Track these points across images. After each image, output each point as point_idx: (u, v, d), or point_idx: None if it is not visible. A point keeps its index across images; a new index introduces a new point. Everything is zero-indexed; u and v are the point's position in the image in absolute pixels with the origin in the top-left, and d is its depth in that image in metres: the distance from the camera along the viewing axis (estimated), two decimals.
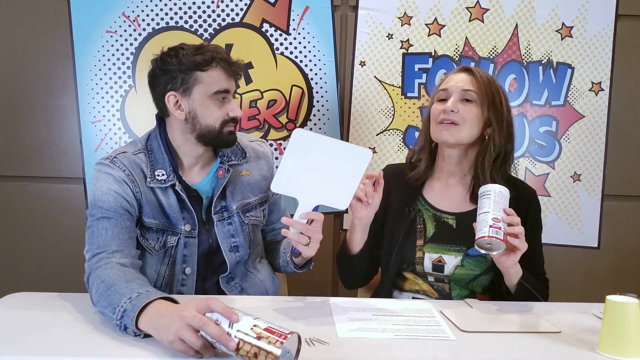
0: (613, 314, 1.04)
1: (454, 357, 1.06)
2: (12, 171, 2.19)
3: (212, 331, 0.94)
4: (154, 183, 1.42)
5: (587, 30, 2.17)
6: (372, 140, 2.19)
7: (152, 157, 1.45)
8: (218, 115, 1.42)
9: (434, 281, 1.53)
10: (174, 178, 1.43)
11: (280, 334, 0.91)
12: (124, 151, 1.45)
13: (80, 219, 2.12)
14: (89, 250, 1.32)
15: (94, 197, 1.38)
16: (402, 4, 2.15)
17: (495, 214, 1.29)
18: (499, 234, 1.27)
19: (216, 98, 1.41)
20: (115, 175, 1.39)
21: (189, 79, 1.41)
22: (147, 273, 1.45)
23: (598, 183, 2.21)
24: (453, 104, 1.48)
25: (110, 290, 1.15)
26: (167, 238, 1.44)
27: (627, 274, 2.27)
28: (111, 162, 1.41)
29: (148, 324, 1.04)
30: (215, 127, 1.42)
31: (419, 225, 1.54)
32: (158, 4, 2.09)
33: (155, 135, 1.48)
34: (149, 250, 1.44)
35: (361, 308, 1.31)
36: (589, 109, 2.20)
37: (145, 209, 1.41)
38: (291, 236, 1.30)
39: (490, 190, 1.32)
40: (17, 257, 2.21)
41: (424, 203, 1.57)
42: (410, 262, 1.52)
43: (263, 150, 1.61)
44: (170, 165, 1.44)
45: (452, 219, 1.54)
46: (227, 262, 1.49)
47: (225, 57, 1.42)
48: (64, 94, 2.15)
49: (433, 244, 1.52)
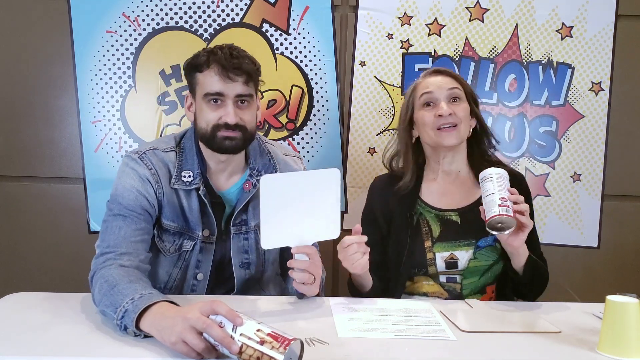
0: (613, 314, 1.04)
1: (454, 357, 1.06)
2: (12, 171, 2.19)
3: (216, 334, 0.94)
4: (178, 184, 1.40)
5: (587, 30, 2.17)
6: (372, 140, 2.19)
7: (182, 156, 1.43)
8: (209, 118, 1.38)
9: (446, 281, 1.53)
10: (199, 182, 1.41)
11: (283, 339, 0.91)
12: (155, 147, 1.43)
13: (80, 219, 2.12)
14: (99, 246, 1.32)
15: (116, 191, 1.37)
16: (402, 4, 2.15)
17: (501, 193, 1.32)
18: (508, 212, 1.30)
19: (209, 101, 1.38)
20: (141, 172, 1.38)
21: (193, 81, 1.42)
22: (158, 274, 1.45)
23: (598, 183, 2.21)
24: (447, 107, 1.51)
25: (113, 290, 1.14)
26: (183, 242, 1.43)
27: (627, 274, 2.27)
28: (140, 157, 1.40)
29: (151, 325, 1.04)
30: (207, 131, 1.39)
31: (424, 228, 1.55)
32: (158, 4, 2.09)
33: (190, 135, 1.47)
34: (164, 252, 1.43)
35: (361, 308, 1.31)
36: (589, 109, 2.20)
37: (165, 211, 1.40)
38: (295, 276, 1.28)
39: (492, 174, 1.35)
40: (17, 257, 2.21)
41: (424, 205, 1.57)
42: (422, 266, 1.52)
43: (297, 169, 1.56)
44: (198, 167, 1.42)
45: (455, 215, 1.55)
46: (234, 278, 1.47)
47: (219, 58, 1.37)
48: (64, 94, 2.15)
49: (442, 242, 1.53)
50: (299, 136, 2.16)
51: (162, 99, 2.10)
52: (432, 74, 1.59)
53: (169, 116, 2.10)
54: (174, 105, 2.10)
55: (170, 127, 2.09)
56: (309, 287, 1.31)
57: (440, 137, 1.52)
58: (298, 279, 1.29)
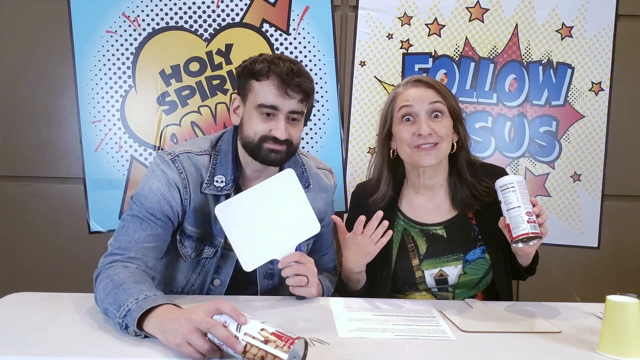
0: (613, 314, 1.04)
1: (454, 357, 1.06)
2: (12, 171, 2.19)
3: (220, 334, 0.94)
4: (209, 189, 1.38)
5: (587, 30, 2.17)
6: (372, 140, 2.18)
7: (217, 159, 1.41)
8: (259, 129, 1.36)
9: (438, 291, 1.51)
10: (231, 188, 1.39)
11: (287, 338, 0.91)
12: (189, 150, 1.40)
13: (80, 219, 2.12)
14: (111, 245, 1.31)
15: (142, 191, 1.35)
16: (402, 4, 2.15)
17: (526, 207, 1.27)
18: (536, 228, 1.27)
19: (261, 112, 1.36)
20: (170, 176, 1.35)
21: (247, 86, 1.39)
22: (177, 278, 1.45)
23: (598, 183, 2.21)
24: (426, 125, 1.41)
25: (118, 289, 1.14)
26: (204, 248, 1.42)
27: (627, 274, 2.27)
28: (172, 160, 1.37)
29: (155, 327, 1.04)
30: (254, 141, 1.37)
31: (409, 245, 1.50)
32: (158, 4, 2.08)
33: (228, 138, 1.45)
34: (185, 258, 1.42)
35: (361, 308, 1.31)
36: (589, 109, 2.20)
37: (190, 217, 1.38)
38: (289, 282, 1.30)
39: (513, 182, 1.29)
40: (17, 257, 2.21)
41: (408, 221, 1.52)
42: (411, 284, 1.49)
43: (328, 184, 1.56)
44: (232, 173, 1.40)
45: (440, 229, 1.51)
46: (258, 286, 1.46)
47: (281, 72, 1.34)
48: (64, 94, 2.15)
49: (429, 259, 1.48)
50: None
51: (162, 99, 2.10)
52: (412, 84, 1.49)
53: (169, 116, 2.10)
54: (174, 105, 2.10)
55: (170, 127, 2.09)
56: (306, 289, 1.32)
57: (418, 157, 1.43)
58: (293, 284, 1.31)
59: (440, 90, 1.47)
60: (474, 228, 1.50)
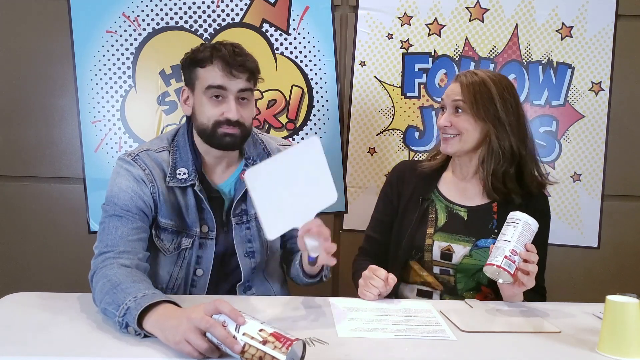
0: (613, 314, 1.04)
1: (454, 357, 1.06)
2: (12, 171, 2.19)
3: (218, 333, 0.94)
4: (173, 182, 1.41)
5: (587, 30, 2.17)
6: (372, 140, 2.19)
7: (176, 154, 1.44)
8: (211, 114, 1.38)
9: (439, 273, 1.55)
10: (194, 178, 1.41)
11: (286, 339, 0.92)
12: (147, 148, 1.44)
13: (80, 219, 2.12)
14: (97, 247, 1.32)
15: (111, 193, 1.38)
16: (402, 4, 2.15)
17: (515, 246, 1.28)
18: (510, 267, 1.27)
19: (210, 95, 1.38)
20: (135, 173, 1.38)
21: (192, 75, 1.42)
22: (160, 275, 1.45)
23: (598, 183, 2.21)
24: (445, 118, 1.55)
25: (116, 289, 1.14)
26: (181, 240, 1.43)
27: (627, 274, 2.27)
28: (133, 159, 1.40)
29: (154, 325, 1.04)
30: (208, 127, 1.39)
31: (430, 215, 1.59)
32: (158, 4, 2.08)
33: (183, 132, 1.47)
34: (163, 252, 1.43)
35: (361, 308, 1.31)
36: (589, 109, 2.20)
37: (162, 210, 1.40)
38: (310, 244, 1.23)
39: (520, 220, 1.30)
40: (17, 257, 2.21)
41: (438, 195, 1.61)
42: (419, 249, 1.55)
43: None
44: (193, 164, 1.42)
45: (463, 211, 1.58)
46: (241, 268, 1.47)
47: (224, 55, 1.38)
48: (64, 94, 2.15)
49: (443, 232, 1.56)
50: (299, 136, 2.16)
51: (162, 99, 2.10)
52: (454, 79, 1.58)
53: (169, 116, 2.10)
54: (174, 105, 2.10)
55: (170, 127, 2.09)
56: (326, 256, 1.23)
57: (442, 144, 1.58)
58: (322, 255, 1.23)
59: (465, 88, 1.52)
60: (493, 221, 1.55)
